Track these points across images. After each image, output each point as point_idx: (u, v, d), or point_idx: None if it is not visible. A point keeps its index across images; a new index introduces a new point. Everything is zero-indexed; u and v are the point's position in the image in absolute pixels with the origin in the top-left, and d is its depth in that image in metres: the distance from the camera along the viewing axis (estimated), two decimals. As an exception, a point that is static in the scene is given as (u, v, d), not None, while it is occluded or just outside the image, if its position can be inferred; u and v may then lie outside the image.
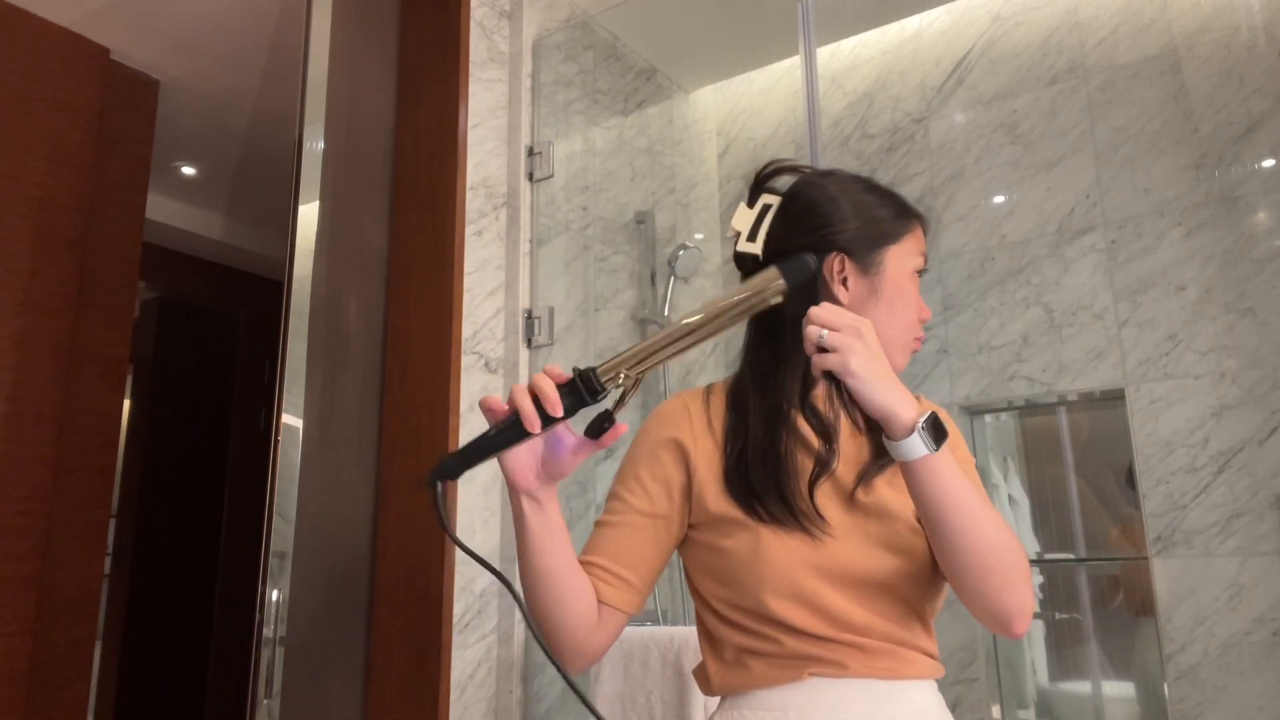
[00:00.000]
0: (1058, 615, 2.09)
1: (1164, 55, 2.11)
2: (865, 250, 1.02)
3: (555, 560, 0.93)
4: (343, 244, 2.01)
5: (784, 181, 1.08)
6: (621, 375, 0.88)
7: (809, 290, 0.97)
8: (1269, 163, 1.96)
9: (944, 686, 1.02)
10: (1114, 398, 2.04)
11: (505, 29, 2.28)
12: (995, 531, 0.89)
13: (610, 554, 0.99)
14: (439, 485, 0.86)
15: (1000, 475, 2.19)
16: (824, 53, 2.56)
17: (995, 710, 2.03)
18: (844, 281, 1.01)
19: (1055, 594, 2.10)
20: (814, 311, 0.88)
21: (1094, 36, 2.20)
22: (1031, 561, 1.28)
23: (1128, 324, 2.04)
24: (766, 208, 1.05)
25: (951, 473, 0.88)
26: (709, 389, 1.07)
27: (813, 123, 2.02)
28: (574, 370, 0.87)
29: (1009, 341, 2.16)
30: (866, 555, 0.95)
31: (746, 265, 1.05)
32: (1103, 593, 2.07)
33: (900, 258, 1.03)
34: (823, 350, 0.87)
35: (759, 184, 1.07)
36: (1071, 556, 2.10)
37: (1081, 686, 2.07)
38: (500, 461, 0.90)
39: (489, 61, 2.20)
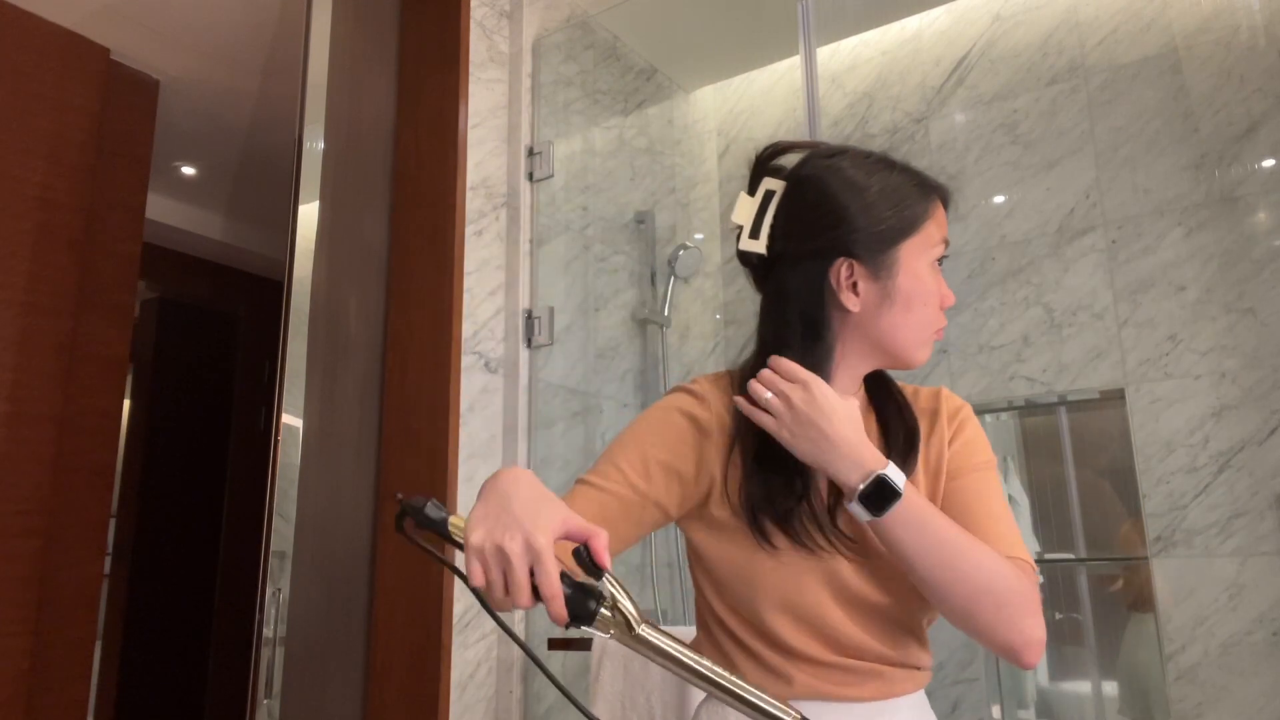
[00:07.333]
0: (1058, 615, 2.09)
1: (1164, 55, 2.11)
2: (877, 251, 0.92)
3: None
4: (343, 244, 2.01)
5: (791, 158, 0.97)
6: (614, 611, 0.74)
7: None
8: (1269, 163, 1.96)
9: (944, 686, 1.02)
10: (1114, 398, 2.04)
11: (505, 29, 2.28)
12: (976, 572, 0.85)
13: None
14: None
15: (1000, 475, 2.19)
16: (824, 53, 2.55)
17: (995, 710, 2.03)
18: (853, 287, 0.93)
19: (1055, 594, 2.10)
20: (763, 373, 0.89)
21: (1094, 36, 2.20)
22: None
23: (1128, 324, 2.04)
24: (769, 195, 0.95)
25: (909, 524, 0.85)
26: (730, 376, 1.00)
27: (813, 123, 2.02)
28: (582, 585, 0.73)
29: (1009, 341, 2.16)
30: (871, 575, 0.92)
31: (752, 263, 0.98)
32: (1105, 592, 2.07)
33: (916, 252, 0.94)
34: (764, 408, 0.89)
35: (760, 167, 0.97)
36: (1071, 556, 2.10)
37: (1081, 686, 2.07)
38: None
39: (489, 61, 2.20)
